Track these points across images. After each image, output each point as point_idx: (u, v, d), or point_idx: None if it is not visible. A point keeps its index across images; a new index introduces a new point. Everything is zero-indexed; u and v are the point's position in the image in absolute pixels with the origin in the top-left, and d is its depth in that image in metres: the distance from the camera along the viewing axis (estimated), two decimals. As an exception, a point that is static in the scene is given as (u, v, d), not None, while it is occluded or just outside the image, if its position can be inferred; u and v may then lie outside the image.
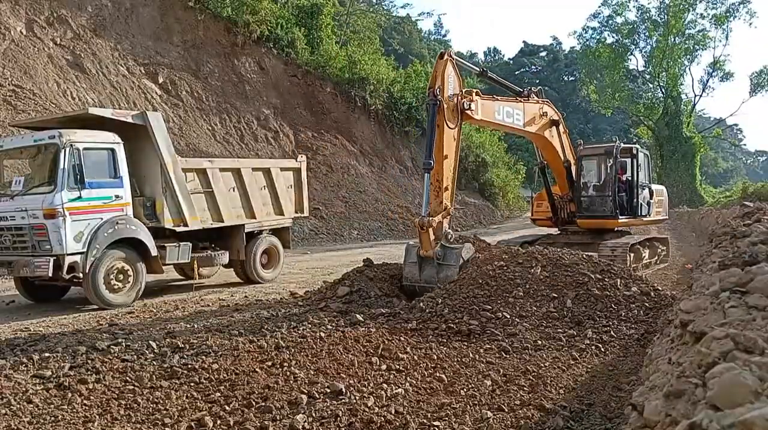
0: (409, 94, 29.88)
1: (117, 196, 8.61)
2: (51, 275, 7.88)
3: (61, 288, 9.37)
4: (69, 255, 7.97)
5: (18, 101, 15.27)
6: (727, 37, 43.36)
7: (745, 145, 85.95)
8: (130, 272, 8.71)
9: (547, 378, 4.68)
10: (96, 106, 17.56)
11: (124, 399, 4.32)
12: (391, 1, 56.47)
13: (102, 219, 8.35)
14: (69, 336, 6.16)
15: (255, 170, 11.00)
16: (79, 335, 6.23)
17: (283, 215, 11.44)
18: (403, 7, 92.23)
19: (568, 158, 11.53)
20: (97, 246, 8.23)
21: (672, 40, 43.22)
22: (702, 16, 42.82)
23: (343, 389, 4.34)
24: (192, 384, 4.61)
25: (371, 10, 42.70)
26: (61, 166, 7.95)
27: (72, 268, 8.04)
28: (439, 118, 8.44)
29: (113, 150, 8.65)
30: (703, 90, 45.82)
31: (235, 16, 23.38)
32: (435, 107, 8.37)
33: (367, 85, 27.81)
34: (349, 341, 5.72)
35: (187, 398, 4.35)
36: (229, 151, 20.99)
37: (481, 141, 33.98)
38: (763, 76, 43.93)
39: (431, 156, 8.39)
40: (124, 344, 5.56)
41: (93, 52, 18.85)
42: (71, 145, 8.09)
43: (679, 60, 43.92)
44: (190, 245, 9.67)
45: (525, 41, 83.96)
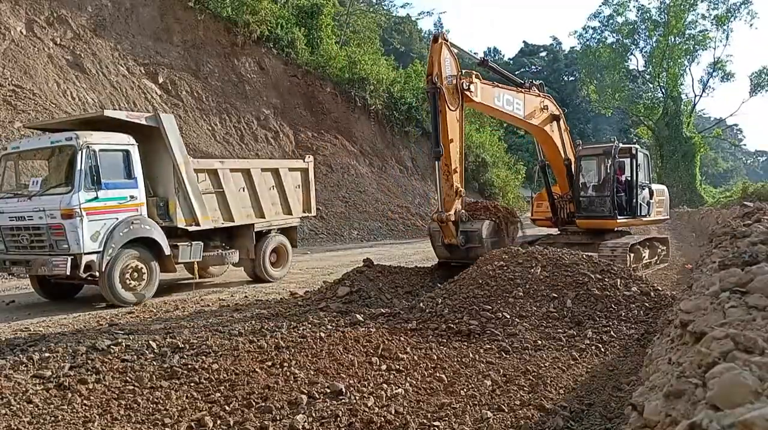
0: (409, 94, 29.88)
1: (132, 197, 8.78)
2: (69, 273, 8.02)
3: (76, 286, 9.51)
4: (86, 254, 8.11)
5: (18, 101, 15.27)
6: (727, 38, 43.40)
7: (745, 145, 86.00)
8: (145, 271, 8.87)
9: (547, 378, 4.68)
10: (96, 107, 17.57)
11: (124, 399, 4.32)
12: (391, 1, 56.47)
13: (117, 219, 8.52)
14: (69, 336, 6.16)
15: (264, 171, 11.15)
16: (79, 335, 6.23)
17: (291, 214, 11.62)
18: (403, 7, 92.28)
19: (569, 156, 11.54)
20: (113, 245, 8.40)
21: (672, 40, 43.22)
22: (703, 17, 42.87)
23: (343, 389, 4.34)
24: (192, 384, 4.61)
25: (371, 10, 42.69)
26: (78, 168, 8.08)
27: (89, 267, 8.18)
28: (440, 103, 8.59)
29: (128, 151, 8.81)
30: (703, 90, 45.90)
31: (235, 16, 23.38)
32: (435, 94, 8.54)
33: (367, 85, 27.82)
34: (349, 341, 5.72)
35: (187, 398, 4.34)
36: (229, 151, 20.99)
37: (481, 141, 33.98)
38: (763, 76, 43.93)
39: (439, 143, 8.66)
40: (124, 344, 5.55)
41: (93, 52, 18.85)
42: (88, 146, 8.20)
43: (679, 60, 43.93)
44: (202, 244, 9.85)
45: (525, 41, 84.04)
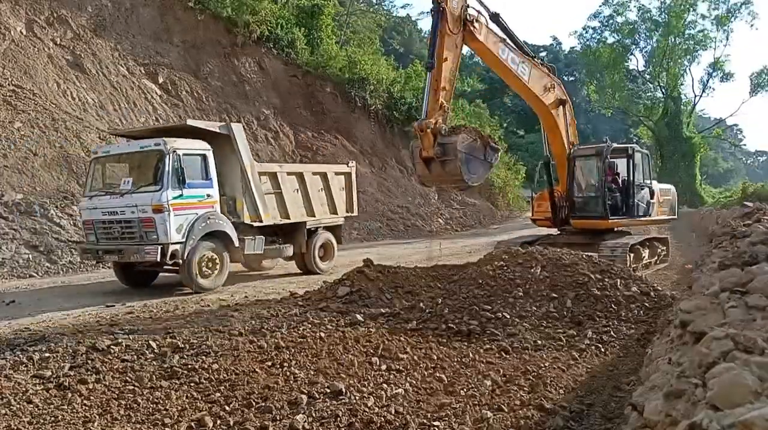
0: (409, 94, 29.84)
1: (208, 196, 10.02)
2: (158, 260, 9.22)
3: (152, 275, 10.83)
4: (172, 244, 9.27)
5: (18, 101, 15.27)
6: (727, 38, 43.35)
7: (745, 145, 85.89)
8: (217, 261, 10.06)
9: (547, 378, 4.68)
10: (97, 107, 17.59)
11: (124, 399, 4.32)
12: (391, 1, 56.58)
13: (197, 214, 9.71)
14: (69, 336, 6.15)
15: (314, 174, 12.38)
16: (79, 335, 6.22)
17: (336, 213, 12.80)
18: (403, 7, 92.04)
19: (573, 142, 11.56)
20: (193, 237, 9.56)
21: (672, 40, 43.20)
22: (703, 17, 42.85)
23: (343, 389, 4.34)
24: (192, 384, 4.61)
25: (371, 10, 42.69)
26: (167, 169, 9.32)
27: (173, 255, 9.34)
28: (441, 24, 8.79)
29: (205, 156, 10.06)
30: (703, 90, 45.84)
31: (235, 16, 23.37)
32: (438, 14, 8.74)
33: (367, 85, 27.79)
34: (349, 341, 5.72)
35: (187, 398, 4.35)
36: (229, 151, 20.96)
37: (481, 141, 33.93)
38: (763, 76, 43.88)
39: (433, 56, 8.94)
40: (124, 344, 5.54)
41: (93, 52, 18.84)
42: (174, 151, 9.44)
43: (679, 60, 43.89)
44: (264, 238, 10.99)
45: (525, 41, 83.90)
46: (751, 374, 1.73)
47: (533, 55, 11.26)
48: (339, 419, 3.87)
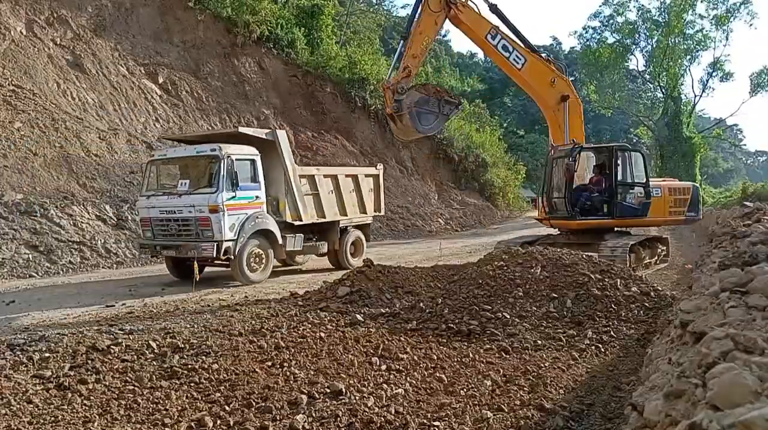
0: (409, 94, 29.82)
1: (257, 197, 10.86)
2: (214, 256, 10.06)
3: (200, 269, 11.21)
4: (225, 241, 10.09)
5: (18, 101, 15.26)
6: (727, 38, 43.31)
7: (745, 145, 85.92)
8: (263, 256, 10.95)
9: (547, 378, 4.68)
10: (97, 107, 17.58)
11: (124, 399, 4.31)
12: (391, 1, 56.52)
13: (247, 214, 10.54)
14: (69, 336, 6.15)
15: (347, 176, 13.20)
16: (79, 335, 6.21)
17: (365, 213, 13.68)
18: (403, 8, 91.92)
19: (578, 141, 11.56)
20: (244, 235, 10.40)
21: (672, 40, 43.17)
22: (701, 17, 42.81)
23: (343, 389, 4.34)
24: (192, 384, 4.60)
25: (371, 10, 42.66)
26: (222, 173, 10.10)
27: (226, 251, 10.14)
28: (425, 1, 10.16)
29: (254, 160, 10.89)
30: (703, 90, 45.75)
31: (235, 16, 23.36)
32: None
33: (367, 85, 27.76)
34: (349, 341, 5.72)
35: (187, 398, 4.34)
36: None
37: (481, 141, 33.94)
38: (763, 76, 43.83)
39: (409, 29, 10.36)
40: (124, 344, 5.54)
41: (93, 52, 18.83)
42: (228, 156, 10.22)
43: (679, 60, 43.86)
44: (303, 236, 11.88)
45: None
46: (751, 374, 1.73)
47: (537, 49, 11.79)
48: (339, 419, 3.87)
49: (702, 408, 1.71)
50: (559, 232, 12.24)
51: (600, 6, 67.09)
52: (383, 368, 4.95)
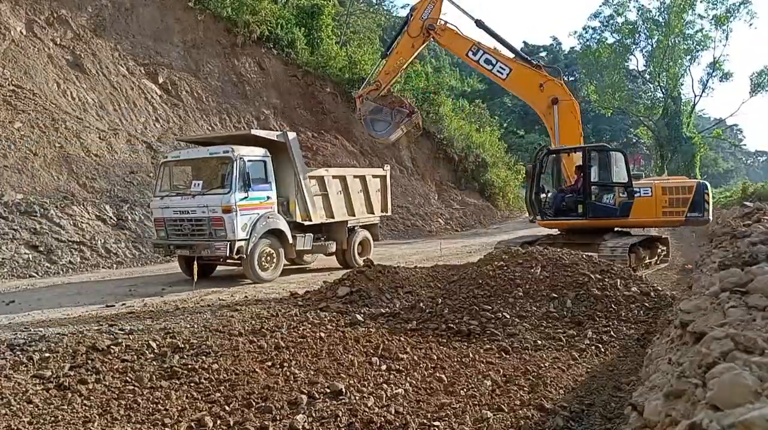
0: (409, 94, 29.79)
1: (268, 197, 11.07)
2: (227, 255, 10.27)
3: (212, 268, 12.06)
4: (238, 241, 10.30)
5: (18, 101, 15.26)
6: (727, 38, 43.32)
7: (745, 145, 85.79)
8: (274, 255, 11.15)
9: (547, 378, 4.68)
10: (97, 107, 17.57)
11: (124, 399, 4.31)
12: (391, 1, 56.46)
13: (258, 214, 10.75)
14: (69, 336, 6.15)
15: (355, 177, 13.37)
16: (79, 335, 6.22)
17: (373, 213, 13.86)
18: (403, 7, 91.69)
19: (576, 141, 11.77)
20: (255, 235, 10.60)
21: (672, 40, 43.16)
22: (700, 17, 42.81)
23: (343, 389, 4.34)
24: (192, 384, 4.60)
25: (371, 10, 42.61)
26: (235, 174, 10.30)
27: (239, 251, 10.35)
28: (407, 26, 11.68)
29: (265, 161, 11.11)
30: (703, 90, 45.75)
31: (235, 16, 23.34)
32: (408, 18, 11.84)
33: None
34: (349, 341, 5.72)
35: (187, 398, 4.34)
36: (229, 151, 20.96)
37: (481, 141, 33.93)
38: (763, 76, 43.83)
39: (390, 48, 12.04)
40: (124, 344, 5.54)
41: (93, 52, 18.83)
42: (241, 157, 10.45)
43: (679, 60, 43.85)
44: (312, 235, 12.11)
45: (525, 41, 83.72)
46: (751, 374, 1.73)
47: (525, 56, 12.52)
48: (339, 419, 3.87)
49: (702, 408, 1.71)
50: (558, 232, 12.27)
51: (600, 6, 67.06)
52: (383, 368, 4.95)
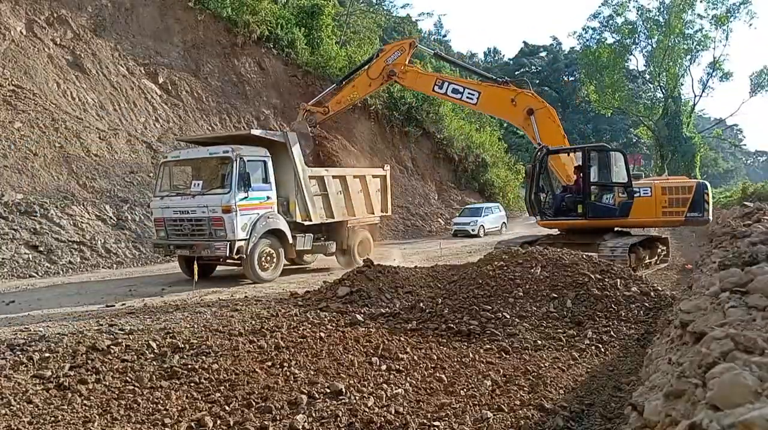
0: (409, 95, 29.82)
1: (268, 197, 11.07)
2: (227, 255, 10.27)
3: (212, 267, 12.07)
4: (238, 241, 10.32)
5: (18, 101, 15.26)
6: (727, 38, 43.34)
7: (745, 145, 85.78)
8: (274, 255, 11.18)
9: (547, 378, 4.68)
10: (97, 107, 17.57)
11: (124, 399, 4.31)
12: (391, 1, 56.42)
13: (258, 214, 10.77)
14: (69, 336, 6.15)
15: (355, 177, 13.38)
16: (79, 335, 6.22)
17: (373, 213, 13.91)
18: (403, 7, 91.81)
19: (540, 142, 11.86)
20: (255, 235, 10.62)
21: (672, 40, 43.16)
22: (700, 17, 42.81)
23: (343, 389, 4.34)
24: (192, 384, 4.60)
25: (371, 10, 42.62)
26: (235, 174, 10.30)
27: (239, 250, 10.37)
28: (370, 65, 12.69)
29: (265, 161, 11.10)
30: (703, 90, 45.77)
31: (235, 16, 23.35)
32: (373, 56, 12.81)
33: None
34: (349, 341, 5.72)
35: (187, 398, 4.34)
36: (229, 151, 20.96)
37: (481, 141, 33.93)
38: (763, 76, 43.89)
39: (348, 78, 13.28)
40: (124, 344, 5.54)
41: (93, 52, 18.83)
42: (240, 157, 10.45)
43: (679, 60, 43.85)
44: (312, 235, 12.13)
45: (525, 41, 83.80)
46: (751, 374, 1.73)
47: (491, 77, 13.08)
48: (339, 419, 3.87)
49: (702, 408, 1.71)
50: (558, 232, 12.28)
51: (599, 6, 67.05)
52: (383, 368, 4.95)
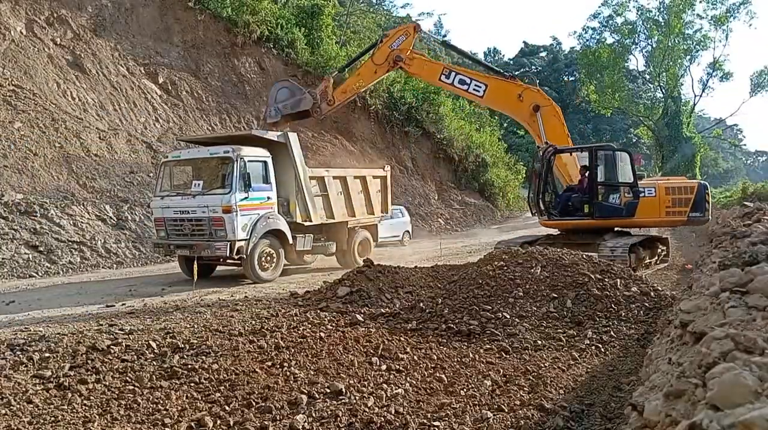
0: (409, 95, 29.84)
1: (268, 198, 11.08)
2: (227, 255, 10.28)
3: (212, 267, 12.10)
4: (238, 241, 10.34)
5: (18, 101, 15.26)
6: (726, 38, 43.36)
7: (745, 145, 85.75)
8: (274, 256, 11.19)
9: (547, 378, 4.68)
10: (97, 107, 17.56)
11: (124, 399, 4.31)
12: (391, 1, 56.38)
13: (259, 215, 10.77)
14: (69, 336, 6.15)
15: (355, 178, 13.37)
16: (79, 335, 6.21)
17: (373, 214, 13.88)
18: (403, 7, 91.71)
19: (547, 141, 11.71)
20: (256, 235, 10.64)
21: (672, 40, 43.16)
22: (699, 17, 42.82)
23: (343, 389, 4.34)
24: (192, 384, 4.60)
25: (371, 10, 42.64)
26: (235, 174, 10.34)
27: (239, 251, 10.38)
28: (374, 51, 11.74)
29: (266, 162, 11.13)
30: (703, 90, 45.79)
31: (235, 16, 23.34)
32: (377, 42, 11.99)
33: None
34: (349, 341, 5.71)
35: (187, 398, 4.34)
36: (229, 151, 20.96)
37: (481, 141, 33.93)
38: (763, 76, 43.89)
39: (351, 64, 13.13)
40: (124, 344, 5.54)
41: (93, 52, 18.83)
42: (241, 158, 10.48)
43: (679, 60, 43.86)
44: (312, 236, 12.13)
45: (525, 41, 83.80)
46: (751, 374, 1.73)
47: (499, 70, 12.77)
48: (339, 419, 3.87)
49: (702, 408, 1.71)
50: (559, 232, 12.27)
51: (599, 6, 67.03)
52: (383, 368, 4.95)
